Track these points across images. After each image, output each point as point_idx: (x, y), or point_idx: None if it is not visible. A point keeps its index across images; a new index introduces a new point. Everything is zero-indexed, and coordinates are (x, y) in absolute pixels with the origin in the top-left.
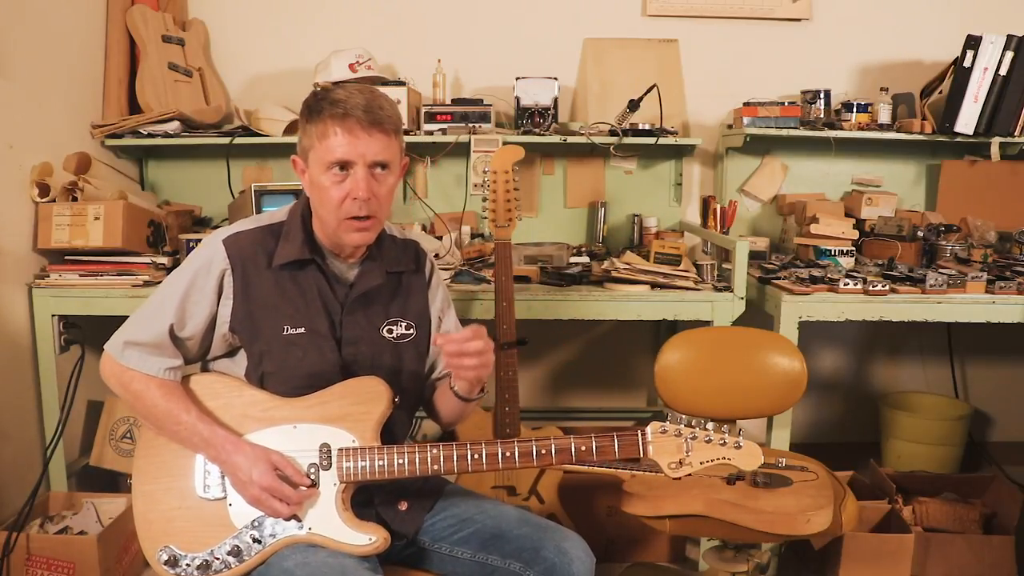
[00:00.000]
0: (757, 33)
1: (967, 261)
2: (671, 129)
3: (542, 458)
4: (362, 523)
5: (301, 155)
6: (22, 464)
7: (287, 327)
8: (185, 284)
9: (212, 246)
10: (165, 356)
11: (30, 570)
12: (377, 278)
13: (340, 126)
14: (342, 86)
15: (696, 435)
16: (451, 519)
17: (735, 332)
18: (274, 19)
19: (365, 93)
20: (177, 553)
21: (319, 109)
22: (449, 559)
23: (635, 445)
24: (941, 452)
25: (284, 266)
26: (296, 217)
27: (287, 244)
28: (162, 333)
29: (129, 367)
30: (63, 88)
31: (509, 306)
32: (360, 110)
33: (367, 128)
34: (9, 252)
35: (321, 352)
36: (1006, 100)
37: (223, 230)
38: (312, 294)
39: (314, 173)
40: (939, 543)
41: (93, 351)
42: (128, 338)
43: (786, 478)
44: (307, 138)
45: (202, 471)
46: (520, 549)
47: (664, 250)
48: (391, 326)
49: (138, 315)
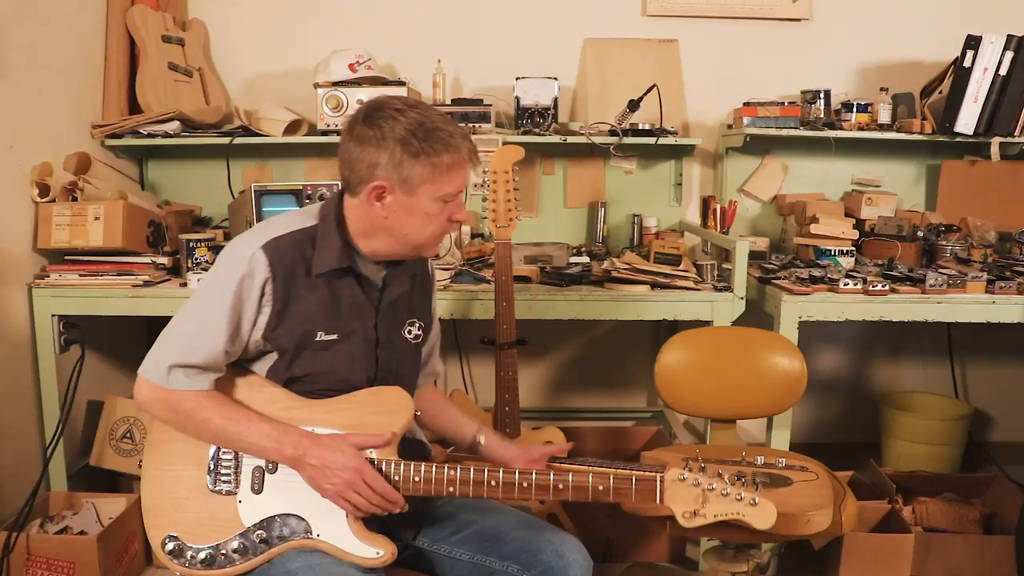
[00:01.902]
0: (757, 33)
1: (967, 261)
2: (671, 129)
3: (559, 492)
4: (372, 535)
5: (400, 184)
6: (22, 464)
7: (320, 333)
8: (231, 299)
9: (248, 253)
10: (213, 372)
11: (30, 570)
12: (405, 283)
13: (467, 163)
14: (413, 106)
15: (714, 487)
16: (449, 520)
17: (735, 332)
18: (274, 19)
19: (456, 126)
20: (182, 544)
21: (444, 144)
22: (448, 560)
23: (652, 491)
24: (941, 452)
25: (322, 274)
26: (330, 222)
27: (325, 251)
28: (217, 351)
29: (177, 390)
30: (63, 88)
31: (509, 306)
32: (473, 152)
33: (475, 165)
34: (9, 252)
35: (352, 358)
36: (1006, 100)
37: (256, 234)
38: (347, 301)
39: (421, 203)
40: (939, 543)
41: (93, 351)
42: (176, 361)
43: (786, 478)
44: (420, 168)
45: (211, 464)
46: (518, 552)
47: (664, 250)
48: (409, 327)
49: (178, 334)
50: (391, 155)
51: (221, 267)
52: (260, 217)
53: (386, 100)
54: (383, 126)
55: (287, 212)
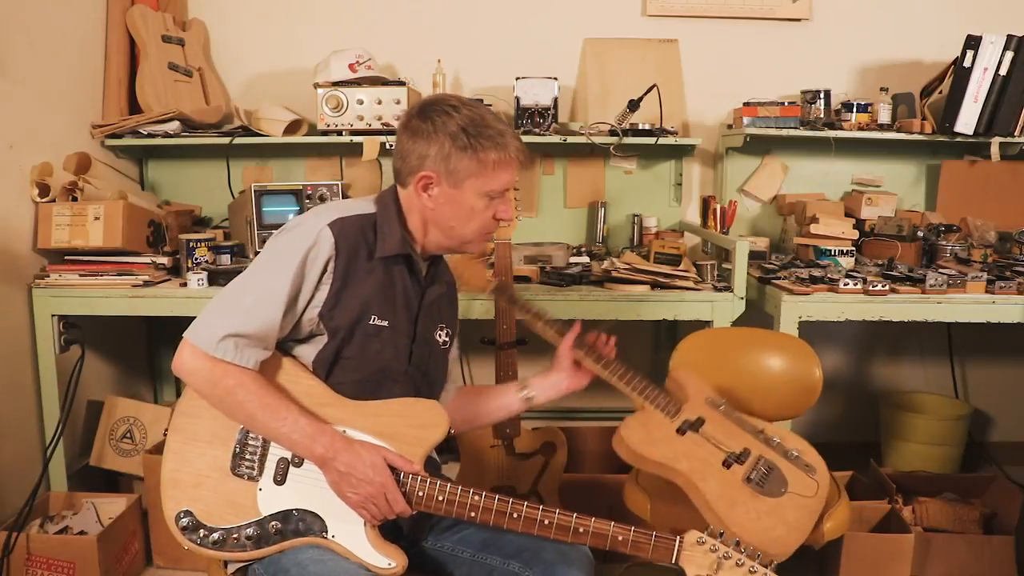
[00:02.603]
0: (757, 33)
1: (967, 261)
2: (671, 129)
3: (579, 535)
4: (385, 544)
5: (447, 176)
6: (22, 464)
7: (374, 318)
8: (295, 269)
9: (316, 229)
10: (262, 348)
11: (30, 570)
12: (443, 286)
13: (514, 163)
14: (469, 104)
15: (730, 555)
16: (452, 518)
17: (749, 333)
18: (274, 19)
19: (508, 126)
20: (196, 521)
21: (492, 141)
22: (450, 558)
23: (669, 550)
24: (941, 452)
25: (382, 259)
26: (390, 210)
27: (388, 236)
28: (273, 322)
29: (225, 359)
30: (63, 88)
31: (509, 306)
32: (522, 152)
33: (523, 166)
34: (9, 252)
35: (396, 348)
36: (1006, 100)
37: (321, 213)
38: (399, 288)
39: (466, 196)
40: (939, 543)
41: (93, 351)
42: (231, 330)
43: (784, 480)
44: (467, 162)
45: (237, 448)
46: (520, 549)
47: (664, 250)
48: (440, 331)
49: (236, 303)
50: (440, 147)
51: (285, 239)
52: (260, 217)
53: (443, 96)
54: (436, 120)
55: (343, 200)
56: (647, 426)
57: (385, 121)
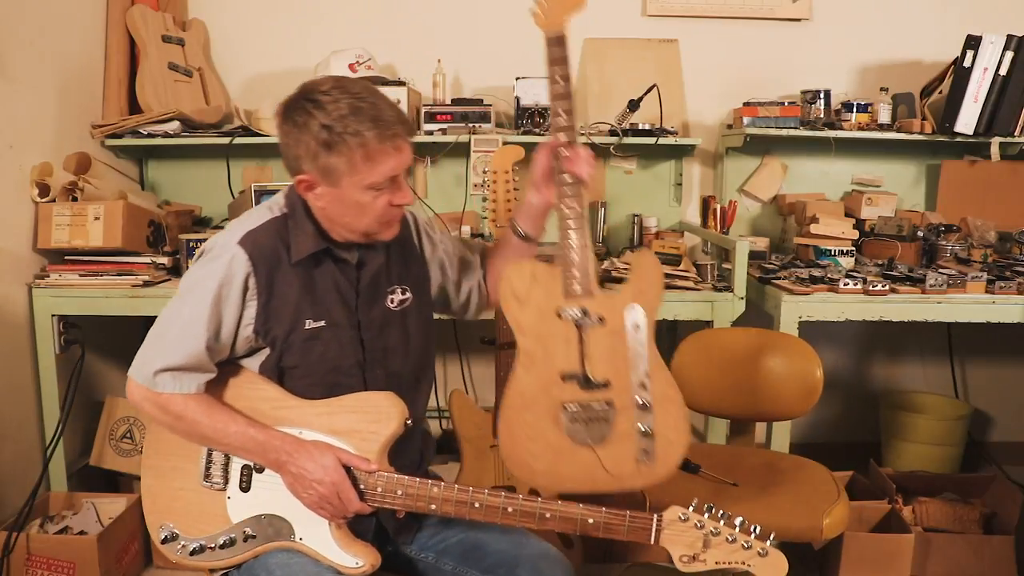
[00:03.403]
0: (757, 33)
1: (967, 261)
2: (671, 129)
3: (545, 521)
4: (354, 543)
5: (323, 177)
6: (22, 464)
7: (308, 321)
8: (212, 296)
9: (229, 250)
10: (200, 372)
11: (30, 570)
12: (380, 255)
13: (390, 145)
14: (341, 88)
15: (719, 531)
16: (437, 526)
17: (751, 333)
18: (274, 19)
19: (377, 96)
20: (176, 533)
21: (358, 137)
22: (432, 569)
23: (647, 530)
24: (941, 452)
25: (301, 260)
26: (298, 208)
27: (300, 237)
28: (199, 352)
29: (165, 392)
30: (63, 88)
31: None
32: (398, 123)
33: (406, 138)
34: (9, 252)
35: (341, 344)
36: (1006, 100)
37: (232, 231)
38: (328, 284)
39: (349, 194)
40: (939, 543)
41: (93, 351)
42: (160, 365)
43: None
44: (336, 161)
45: (205, 459)
46: (496, 565)
47: (664, 250)
48: (391, 295)
49: (162, 336)
50: (307, 148)
51: (200, 268)
52: None
53: (311, 87)
54: (298, 120)
55: (255, 208)
56: (537, 281)
57: None
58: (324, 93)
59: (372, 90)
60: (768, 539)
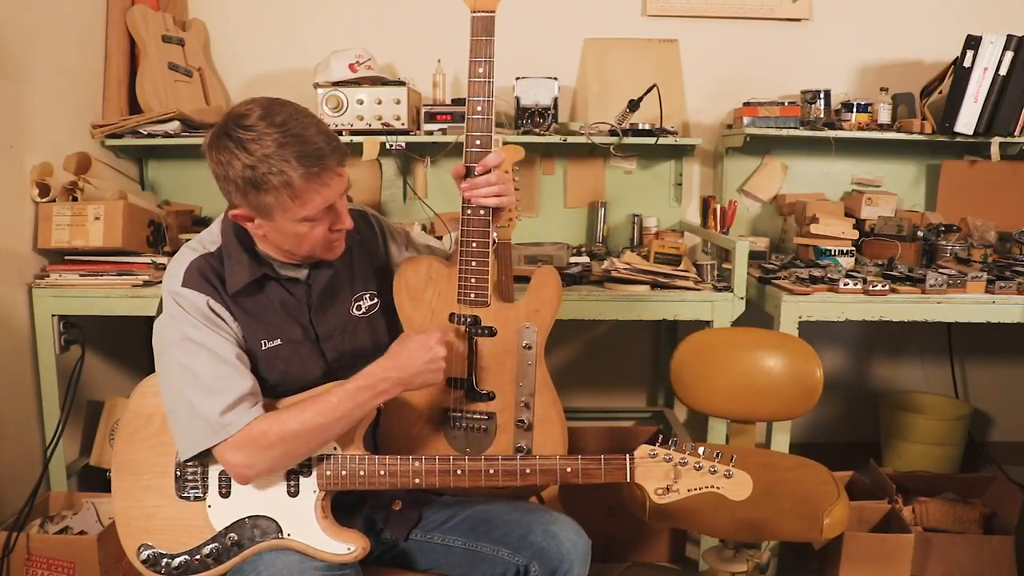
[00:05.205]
0: (757, 33)
1: (967, 261)
2: (671, 129)
3: (527, 476)
4: (342, 531)
5: (257, 211)
6: (22, 464)
7: (264, 341)
8: (203, 327)
9: (178, 296)
10: (252, 395)
11: (30, 570)
12: (331, 267)
13: (316, 183)
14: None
15: (686, 461)
16: (444, 508)
17: (751, 333)
18: (274, 19)
19: (307, 124)
20: (157, 552)
21: (282, 176)
22: (441, 548)
23: (622, 469)
24: (941, 452)
25: (239, 291)
26: (231, 239)
27: (235, 269)
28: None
29: (243, 424)
30: (63, 88)
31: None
32: (328, 153)
33: (338, 168)
34: (9, 252)
35: (302, 359)
36: (1006, 100)
37: (169, 278)
38: (276, 303)
39: (284, 226)
40: (939, 543)
41: (93, 351)
42: (218, 411)
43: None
44: (265, 199)
45: (179, 472)
46: (507, 534)
47: (664, 250)
48: (359, 302)
49: (195, 393)
50: (236, 187)
51: (169, 324)
52: None
53: (233, 119)
54: (222, 160)
55: (183, 248)
56: (431, 281)
57: (385, 121)
58: (247, 129)
59: (300, 117)
60: (731, 461)
